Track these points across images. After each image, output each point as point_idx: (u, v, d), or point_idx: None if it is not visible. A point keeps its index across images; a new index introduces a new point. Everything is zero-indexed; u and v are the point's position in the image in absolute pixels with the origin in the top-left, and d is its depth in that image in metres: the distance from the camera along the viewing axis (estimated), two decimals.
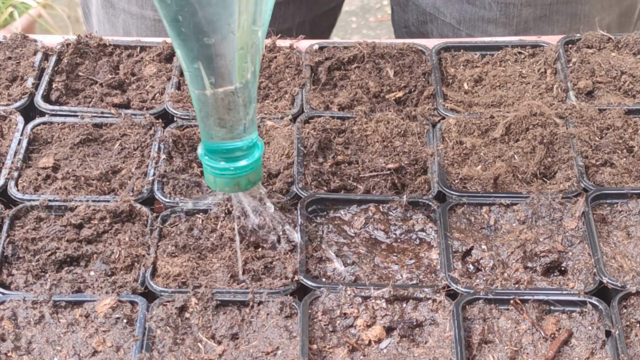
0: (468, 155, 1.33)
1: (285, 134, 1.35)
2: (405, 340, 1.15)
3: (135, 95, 1.41)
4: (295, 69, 1.43)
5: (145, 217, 1.27)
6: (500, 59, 1.46)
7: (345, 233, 1.26)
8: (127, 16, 1.70)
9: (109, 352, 1.13)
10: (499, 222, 1.26)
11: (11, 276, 1.20)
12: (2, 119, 1.36)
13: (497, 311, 1.17)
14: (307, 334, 1.14)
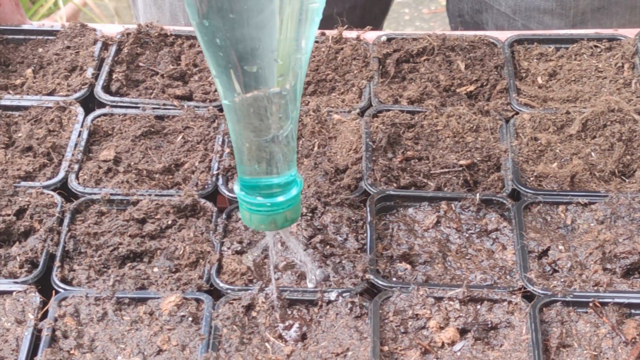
0: (543, 152, 1.32)
1: (353, 128, 1.34)
2: (479, 343, 1.14)
3: (197, 87, 1.41)
4: (363, 61, 1.43)
5: (210, 213, 1.26)
6: (575, 53, 1.45)
7: (416, 231, 1.25)
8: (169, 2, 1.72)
9: (174, 351, 1.12)
10: (576, 222, 1.25)
11: (73, 272, 1.20)
12: (62, 110, 1.36)
13: (575, 314, 1.16)
14: (379, 335, 1.13)
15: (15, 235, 1.24)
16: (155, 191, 1.28)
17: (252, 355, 1.12)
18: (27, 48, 1.46)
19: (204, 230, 1.24)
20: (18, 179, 1.29)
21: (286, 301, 1.17)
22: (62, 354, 1.11)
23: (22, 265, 1.20)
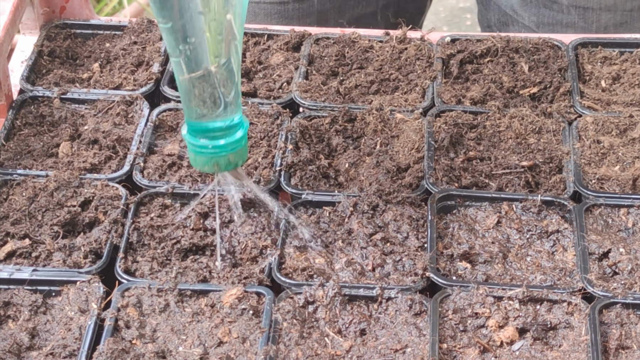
0: (606, 155, 1.32)
1: (416, 128, 1.34)
2: (538, 342, 1.14)
3: (261, 84, 1.41)
4: (427, 61, 1.44)
5: (271, 207, 1.26)
6: (639, 57, 1.44)
7: (477, 231, 1.25)
8: None
9: (235, 343, 1.13)
10: (637, 225, 1.24)
11: (136, 263, 1.22)
12: (128, 104, 1.38)
13: (635, 316, 1.16)
14: (437, 333, 1.13)
15: (80, 226, 1.25)
16: (217, 187, 1.28)
17: (312, 349, 1.13)
18: (94, 43, 1.47)
19: (265, 223, 1.25)
20: (84, 171, 1.30)
21: (346, 297, 1.18)
22: (124, 344, 1.12)
23: (87, 255, 1.21)
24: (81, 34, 1.49)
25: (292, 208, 1.28)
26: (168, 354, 1.13)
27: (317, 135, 1.34)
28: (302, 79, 1.40)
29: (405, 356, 1.13)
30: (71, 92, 1.40)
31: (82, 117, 1.37)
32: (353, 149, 1.33)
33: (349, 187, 1.29)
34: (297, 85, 1.39)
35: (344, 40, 1.46)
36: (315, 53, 1.44)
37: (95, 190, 1.28)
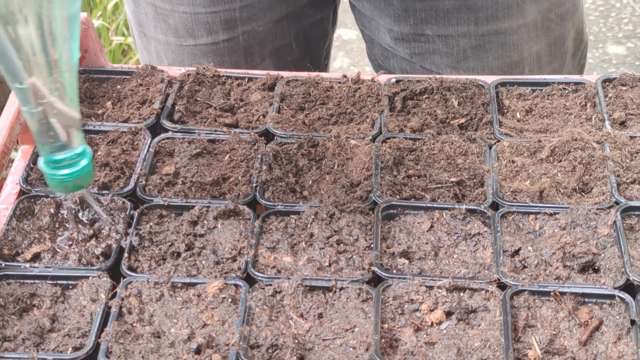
0: (518, 172, 1.33)
1: (366, 151, 1.35)
2: (461, 323, 1.15)
3: (242, 117, 1.42)
4: (376, 98, 1.44)
5: (248, 217, 1.28)
6: (547, 94, 1.45)
7: (414, 234, 1.26)
8: (156, 43, 1.71)
9: (216, 325, 1.15)
10: (543, 228, 1.26)
11: (137, 262, 1.23)
12: (134, 134, 1.38)
13: (539, 301, 1.17)
14: (380, 316, 1.15)
15: (94, 231, 1.26)
16: (204, 200, 1.30)
17: (279, 329, 1.14)
18: (108, 85, 1.48)
19: (243, 230, 1.26)
20: (98, 187, 1.31)
21: (307, 287, 1.19)
22: (126, 326, 1.14)
23: (98, 257, 1.22)
24: (97, 78, 1.49)
25: (265, 217, 1.28)
26: (162, 334, 1.14)
27: (286, 158, 1.35)
28: (275, 113, 1.41)
29: (354, 334, 1.14)
30: (88, 124, 1.40)
31: (97, 145, 1.38)
32: (315, 169, 1.34)
33: (311, 199, 1.30)
34: (271, 118, 1.40)
35: (310, 81, 1.46)
36: (286, 92, 1.45)
37: (106, 202, 1.29)
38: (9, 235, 1.25)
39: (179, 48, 1.68)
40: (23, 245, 1.24)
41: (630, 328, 1.14)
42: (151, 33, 1.70)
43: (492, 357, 1.11)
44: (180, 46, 1.68)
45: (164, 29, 1.66)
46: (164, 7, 1.63)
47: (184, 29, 1.65)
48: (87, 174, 1.18)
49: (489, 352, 1.12)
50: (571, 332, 1.14)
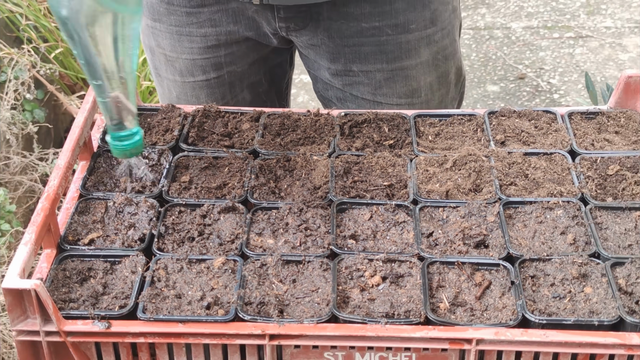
0: (431, 178, 1.33)
1: (324, 164, 1.35)
2: (393, 285, 1.16)
3: (237, 141, 1.41)
4: (331, 126, 1.44)
5: (242, 212, 1.28)
6: (450, 122, 1.45)
7: (359, 222, 1.27)
8: (167, 81, 1.70)
9: (220, 289, 1.15)
10: (448, 217, 1.27)
11: (164, 244, 1.22)
12: (160, 153, 1.38)
13: (447, 268, 1.18)
14: (336, 280, 1.16)
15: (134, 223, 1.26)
16: (211, 200, 1.30)
17: (264, 291, 1.14)
18: (142, 118, 1.46)
19: (239, 221, 1.26)
20: (135, 192, 1.31)
21: (284, 261, 1.19)
22: (156, 290, 1.14)
23: (136, 241, 1.22)
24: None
25: (254, 211, 1.28)
26: (182, 295, 1.14)
27: (268, 169, 1.35)
28: (260, 137, 1.41)
29: (318, 294, 1.15)
30: None
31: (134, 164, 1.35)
32: (289, 177, 1.34)
33: (286, 198, 1.30)
34: (257, 141, 1.40)
35: (284, 115, 1.46)
36: (267, 122, 1.45)
37: (141, 204, 1.28)
38: (72, 226, 1.25)
39: (183, 84, 1.69)
40: (82, 234, 1.24)
41: (510, 287, 1.16)
42: (163, 74, 1.70)
43: (415, 309, 1.12)
44: (183, 82, 1.68)
45: (172, 71, 1.67)
46: (172, 55, 1.65)
47: (186, 70, 1.66)
48: (139, 145, 1.25)
49: (412, 305, 1.13)
50: (469, 290, 1.15)
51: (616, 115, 1.44)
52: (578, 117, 1.44)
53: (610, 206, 1.26)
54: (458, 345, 1.10)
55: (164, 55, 1.67)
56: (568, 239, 1.21)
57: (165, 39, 1.64)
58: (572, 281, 1.15)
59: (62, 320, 1.10)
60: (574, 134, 1.40)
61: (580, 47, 3.95)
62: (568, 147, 1.37)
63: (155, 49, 1.68)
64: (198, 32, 1.61)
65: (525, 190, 1.30)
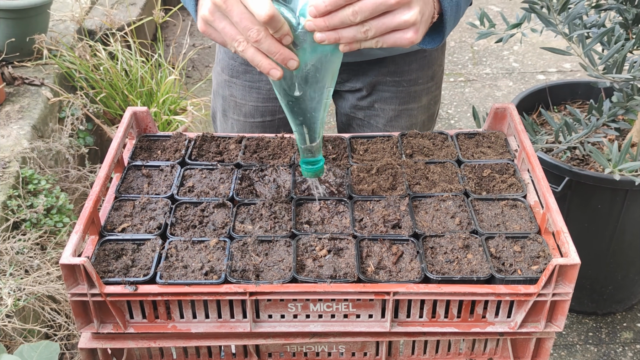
0: (362, 180, 1.33)
1: (288, 173, 1.34)
2: (336, 255, 1.16)
3: (226, 156, 1.40)
4: (292, 145, 1.42)
5: (229, 206, 1.27)
6: (374, 142, 1.44)
7: (312, 212, 1.26)
8: (232, 120, 1.67)
9: (215, 262, 1.14)
10: (373, 207, 1.26)
11: (174, 230, 1.21)
12: (171, 167, 1.36)
13: (372, 243, 1.18)
14: (296, 253, 1.15)
15: (153, 216, 1.25)
16: (208, 198, 1.28)
17: (246, 262, 1.14)
18: (158, 143, 1.45)
19: (227, 213, 1.25)
20: (155, 194, 1.30)
21: (260, 240, 1.19)
22: (169, 263, 1.13)
23: (154, 229, 1.21)
24: (153, 138, 1.46)
25: (238, 206, 1.26)
26: (187, 267, 1.13)
27: (247, 177, 1.34)
28: (242, 154, 1.40)
29: (283, 263, 1.14)
30: (148, 162, 1.38)
31: (153, 174, 1.36)
32: (263, 182, 1.33)
33: (260, 197, 1.29)
34: (240, 157, 1.39)
35: (259, 139, 1.45)
36: (247, 144, 1.43)
37: (158, 202, 1.27)
38: (110, 219, 1.24)
39: (244, 123, 1.65)
40: (117, 224, 1.23)
41: (416, 255, 1.16)
42: (231, 115, 1.66)
43: (351, 272, 1.12)
44: (245, 122, 1.65)
45: (238, 113, 1.65)
46: (241, 102, 1.63)
47: (249, 114, 1.63)
48: (320, 170, 1.21)
49: (349, 269, 1.13)
50: (388, 258, 1.16)
51: (488, 135, 1.45)
52: (462, 137, 1.45)
53: (485, 198, 1.28)
54: (381, 297, 1.11)
55: (234, 101, 1.64)
56: (456, 221, 1.22)
57: (239, 90, 1.61)
58: (459, 250, 1.16)
59: (103, 285, 1.09)
60: (460, 148, 1.42)
61: (468, 87, 3.99)
62: (456, 157, 1.39)
63: (228, 97, 1.65)
64: (265, 87, 1.60)
65: (426, 187, 1.31)
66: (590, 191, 2.25)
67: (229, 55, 1.59)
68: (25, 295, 2.04)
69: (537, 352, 1.17)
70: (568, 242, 1.10)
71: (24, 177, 2.37)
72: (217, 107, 1.73)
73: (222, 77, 1.63)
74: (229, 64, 1.60)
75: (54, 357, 1.14)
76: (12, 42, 2.87)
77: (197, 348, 1.18)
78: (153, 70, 3.20)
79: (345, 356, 1.20)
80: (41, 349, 1.16)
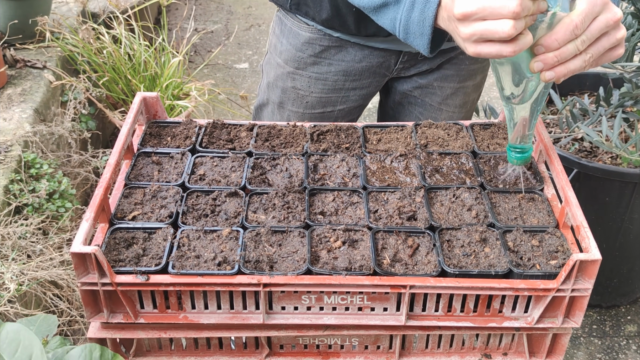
0: (375, 172, 1.31)
1: (300, 161, 1.33)
2: (351, 247, 1.14)
3: (237, 144, 1.39)
4: (304, 134, 1.41)
5: (242, 195, 1.25)
6: (388, 131, 1.43)
7: (325, 203, 1.25)
8: (290, 112, 1.64)
9: (228, 251, 1.12)
10: (388, 199, 1.25)
11: (186, 219, 1.19)
12: (182, 155, 1.35)
13: (388, 235, 1.17)
14: (310, 244, 1.14)
15: (164, 204, 1.23)
16: (220, 187, 1.27)
17: (259, 253, 1.12)
18: (168, 129, 1.43)
19: (240, 202, 1.24)
20: (165, 182, 1.28)
21: (273, 231, 1.17)
22: (181, 252, 1.12)
23: (165, 217, 1.19)
24: (162, 124, 1.44)
25: (251, 195, 1.25)
26: (200, 256, 1.11)
27: (259, 165, 1.32)
28: (254, 142, 1.38)
29: (298, 254, 1.13)
30: (158, 149, 1.36)
31: (163, 162, 1.34)
32: (275, 171, 1.31)
33: (273, 185, 1.27)
34: (252, 145, 1.37)
35: (271, 126, 1.43)
36: (259, 132, 1.42)
37: (169, 190, 1.25)
38: (120, 206, 1.22)
39: (303, 115, 1.62)
40: (127, 212, 1.21)
41: (433, 248, 1.15)
42: (289, 107, 1.62)
43: (366, 264, 1.11)
44: (304, 113, 1.62)
45: (299, 105, 1.61)
46: (304, 94, 1.60)
47: (311, 105, 1.60)
48: (526, 159, 1.19)
49: (364, 262, 1.12)
50: (404, 251, 1.14)
51: (504, 127, 1.43)
52: (478, 127, 1.43)
53: (501, 190, 1.26)
54: (396, 290, 1.09)
55: (296, 93, 1.61)
56: (472, 214, 1.21)
57: (304, 81, 1.58)
58: (476, 244, 1.14)
59: (114, 274, 1.08)
60: (475, 139, 1.40)
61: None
62: (471, 149, 1.37)
63: (289, 89, 1.61)
64: (331, 78, 1.57)
65: (442, 179, 1.29)
66: (598, 183, 2.23)
67: (295, 47, 1.57)
68: (27, 280, 2.03)
69: (553, 347, 1.16)
70: (589, 236, 1.08)
71: (26, 161, 2.34)
72: (270, 99, 1.68)
73: (285, 69, 1.60)
74: (295, 55, 1.57)
75: (53, 329, 1.12)
76: (15, 24, 2.83)
77: (208, 339, 1.17)
78: (156, 55, 3.16)
79: (358, 349, 1.18)
80: (39, 321, 1.14)
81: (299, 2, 1.49)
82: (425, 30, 1.07)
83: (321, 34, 1.52)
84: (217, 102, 3.40)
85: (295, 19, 1.54)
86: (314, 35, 1.52)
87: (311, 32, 1.53)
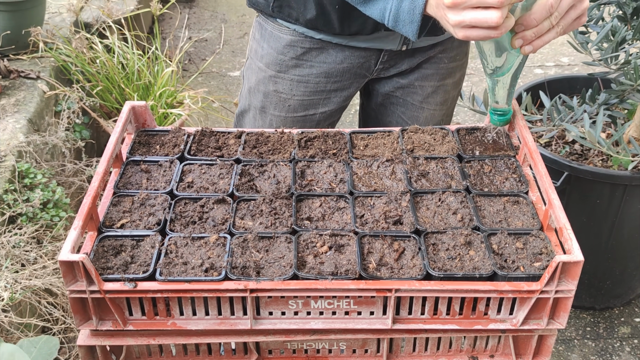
0: (362, 177, 1.32)
1: (288, 167, 1.34)
2: (337, 252, 1.15)
3: (225, 152, 1.39)
4: (291, 141, 1.42)
5: (229, 202, 1.26)
6: (375, 137, 1.43)
7: (312, 209, 1.25)
8: (272, 116, 1.64)
9: (215, 258, 1.13)
10: (375, 203, 1.26)
11: (174, 227, 1.20)
12: (170, 162, 1.35)
13: (374, 239, 1.17)
14: (297, 249, 1.14)
15: (152, 211, 1.23)
16: (208, 194, 1.27)
17: (246, 259, 1.13)
18: (157, 137, 1.44)
19: (227, 209, 1.24)
20: (153, 190, 1.29)
21: (260, 237, 1.17)
22: (169, 259, 1.12)
23: (154, 225, 1.20)
24: (151, 133, 1.45)
25: (238, 202, 1.26)
26: (187, 263, 1.12)
27: (247, 172, 1.33)
28: (241, 149, 1.39)
29: (284, 260, 1.13)
30: (147, 158, 1.37)
31: (152, 170, 1.35)
32: (262, 177, 1.32)
33: (261, 192, 1.28)
34: (239, 152, 1.38)
35: (259, 133, 1.44)
36: (247, 139, 1.43)
37: (157, 198, 1.26)
38: (109, 214, 1.23)
39: (285, 118, 1.62)
40: (116, 220, 1.21)
41: (418, 252, 1.16)
42: (270, 111, 1.62)
43: (352, 268, 1.12)
44: (286, 117, 1.62)
45: (280, 108, 1.61)
46: (285, 97, 1.59)
47: (293, 108, 1.60)
48: (506, 121, 1.29)
49: (350, 266, 1.12)
50: (390, 255, 1.15)
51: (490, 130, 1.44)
52: (463, 132, 1.44)
53: (486, 194, 1.27)
54: (382, 294, 1.10)
55: (278, 97, 1.60)
56: (458, 217, 1.22)
57: (286, 85, 1.58)
58: (461, 247, 1.15)
59: (102, 282, 1.08)
60: (461, 143, 1.41)
61: (466, 81, 3.97)
62: (456, 153, 1.38)
63: (271, 93, 1.61)
64: (313, 80, 1.57)
65: (428, 184, 1.30)
66: (589, 186, 2.24)
67: (277, 50, 1.57)
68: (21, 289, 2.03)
69: (539, 349, 1.17)
70: (571, 238, 1.09)
71: (20, 171, 2.35)
72: (252, 104, 1.68)
73: (266, 72, 1.61)
74: (276, 59, 1.58)
75: (54, 352, 1.14)
76: (8, 35, 2.84)
77: (197, 345, 1.18)
78: (150, 64, 3.18)
79: (346, 353, 1.19)
80: (41, 344, 1.15)
81: (281, 4, 1.49)
82: (415, 18, 1.15)
83: (302, 36, 1.53)
84: (211, 109, 3.42)
85: (275, 23, 1.55)
86: (295, 37, 1.53)
87: (292, 34, 1.54)
